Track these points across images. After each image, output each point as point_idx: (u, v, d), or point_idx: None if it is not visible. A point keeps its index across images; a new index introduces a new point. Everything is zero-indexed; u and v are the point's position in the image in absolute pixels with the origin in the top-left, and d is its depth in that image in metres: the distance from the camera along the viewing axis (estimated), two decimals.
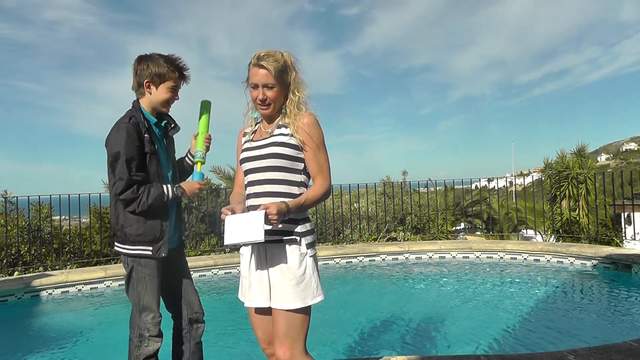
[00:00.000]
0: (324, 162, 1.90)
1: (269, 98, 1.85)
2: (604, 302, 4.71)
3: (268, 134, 1.91)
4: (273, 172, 1.84)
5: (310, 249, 1.86)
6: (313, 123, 1.88)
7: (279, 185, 1.84)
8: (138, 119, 2.25)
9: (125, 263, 2.31)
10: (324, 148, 1.91)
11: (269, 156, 1.84)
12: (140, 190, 2.19)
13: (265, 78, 1.83)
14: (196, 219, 7.94)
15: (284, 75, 1.86)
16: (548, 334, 3.74)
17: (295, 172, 1.87)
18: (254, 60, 1.85)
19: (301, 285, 1.80)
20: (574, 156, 11.02)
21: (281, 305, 1.79)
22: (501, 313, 4.33)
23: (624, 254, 5.63)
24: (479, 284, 5.53)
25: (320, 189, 1.88)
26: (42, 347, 3.73)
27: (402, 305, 4.82)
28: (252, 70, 1.86)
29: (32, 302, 5.10)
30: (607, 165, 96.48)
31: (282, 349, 1.79)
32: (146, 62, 2.26)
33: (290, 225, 1.83)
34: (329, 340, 3.66)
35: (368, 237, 8.35)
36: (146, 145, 2.24)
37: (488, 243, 7.19)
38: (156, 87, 2.29)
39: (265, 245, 1.83)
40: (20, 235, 6.64)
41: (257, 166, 1.87)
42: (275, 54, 1.85)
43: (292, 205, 1.77)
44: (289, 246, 1.82)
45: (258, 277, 1.86)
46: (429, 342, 3.65)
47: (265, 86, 1.84)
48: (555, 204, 9.60)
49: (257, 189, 1.87)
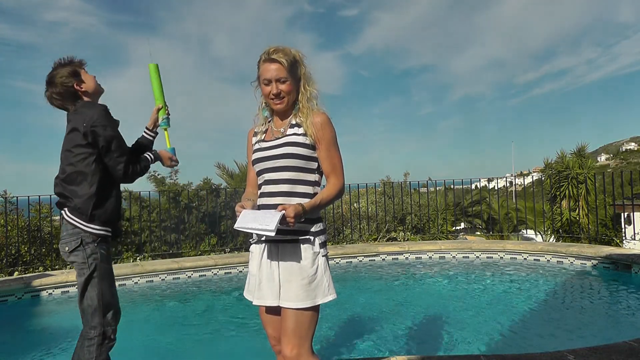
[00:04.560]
0: (337, 161, 1.90)
1: (283, 91, 1.85)
2: (604, 302, 4.71)
3: (281, 133, 1.90)
4: (288, 172, 1.85)
5: (323, 249, 1.87)
6: (326, 122, 1.87)
7: (294, 185, 1.85)
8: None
9: (85, 262, 2.31)
10: (336, 147, 1.91)
11: (284, 156, 1.84)
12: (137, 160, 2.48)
13: (278, 72, 1.82)
14: (196, 219, 7.94)
15: (294, 69, 1.86)
16: (548, 334, 3.74)
17: (310, 171, 1.88)
18: (264, 56, 1.85)
19: (313, 285, 1.80)
20: (573, 156, 11.01)
21: (291, 304, 1.79)
22: (501, 313, 4.33)
23: (624, 254, 5.62)
24: (479, 284, 5.53)
25: (334, 188, 1.88)
26: (42, 347, 3.72)
27: (402, 305, 4.82)
28: (263, 67, 1.86)
29: (32, 302, 5.09)
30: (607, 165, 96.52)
31: (289, 347, 1.78)
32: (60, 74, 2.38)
33: (304, 225, 1.83)
34: (329, 340, 3.67)
35: (368, 237, 8.35)
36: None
37: (488, 243, 7.19)
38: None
39: (278, 244, 1.84)
40: (20, 235, 6.64)
41: (271, 166, 1.87)
42: (285, 48, 1.85)
43: (308, 207, 1.77)
44: (302, 245, 1.82)
45: (269, 275, 1.85)
46: (429, 342, 3.66)
47: (278, 80, 1.83)
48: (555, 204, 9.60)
49: (272, 189, 1.86)
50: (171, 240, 7.52)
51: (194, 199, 8.06)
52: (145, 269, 5.79)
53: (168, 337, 4.01)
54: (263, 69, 1.86)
